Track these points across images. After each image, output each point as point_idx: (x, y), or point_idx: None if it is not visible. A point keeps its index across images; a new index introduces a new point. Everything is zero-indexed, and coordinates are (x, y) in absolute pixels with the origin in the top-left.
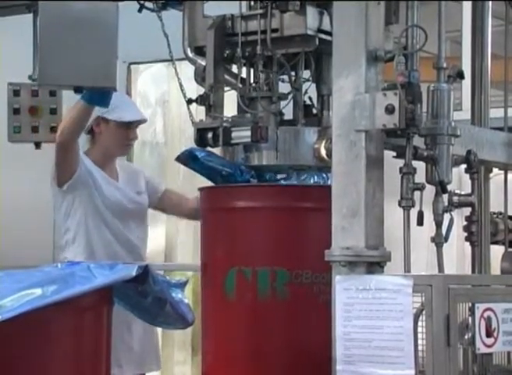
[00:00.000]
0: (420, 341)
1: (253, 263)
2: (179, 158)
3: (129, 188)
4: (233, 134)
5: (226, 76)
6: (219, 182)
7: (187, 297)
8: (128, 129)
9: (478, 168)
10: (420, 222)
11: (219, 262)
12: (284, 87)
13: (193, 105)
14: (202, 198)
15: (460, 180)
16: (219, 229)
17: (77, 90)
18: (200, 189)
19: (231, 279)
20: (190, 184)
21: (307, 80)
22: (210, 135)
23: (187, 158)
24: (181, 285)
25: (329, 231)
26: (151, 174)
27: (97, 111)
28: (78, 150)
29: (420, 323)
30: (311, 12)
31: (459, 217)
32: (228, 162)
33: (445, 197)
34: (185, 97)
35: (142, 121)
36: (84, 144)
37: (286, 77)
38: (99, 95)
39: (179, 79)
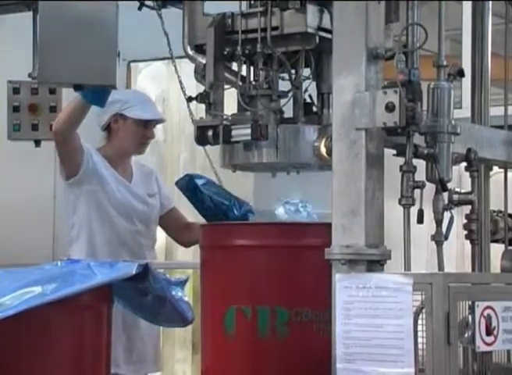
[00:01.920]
0: (420, 340)
1: (252, 302)
2: (177, 184)
3: (141, 189)
4: (233, 132)
5: (226, 74)
6: (214, 215)
7: (187, 295)
8: (145, 128)
9: (478, 166)
10: (420, 220)
11: (219, 299)
12: (284, 85)
13: (193, 103)
14: (202, 235)
15: (460, 179)
16: (219, 266)
17: (77, 88)
18: (201, 226)
19: (230, 317)
20: None
21: (308, 78)
22: (210, 133)
23: (186, 185)
24: (181, 283)
25: (329, 269)
26: (163, 183)
27: (116, 107)
28: (77, 145)
29: (420, 322)
30: (311, 10)
31: (459, 215)
32: (225, 192)
33: (445, 195)
34: (185, 95)
35: (160, 121)
36: (100, 141)
37: (286, 75)
38: (98, 94)
39: (179, 77)
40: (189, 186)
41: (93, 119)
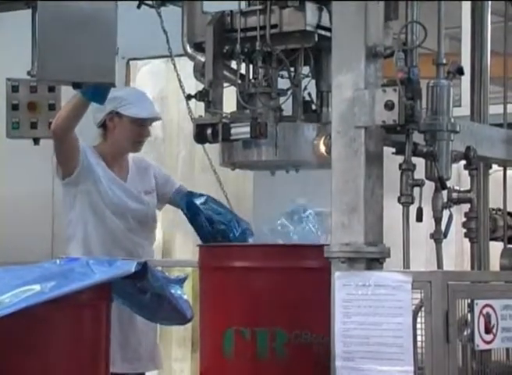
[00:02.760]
0: (419, 338)
1: (251, 324)
2: (175, 202)
3: (137, 186)
4: (232, 130)
5: (225, 72)
6: (212, 236)
7: (186, 293)
8: (141, 126)
9: (477, 164)
10: (419, 218)
11: (217, 321)
12: (283, 83)
13: (193, 101)
14: (201, 256)
15: (459, 177)
16: (218, 288)
17: (76, 86)
18: (199, 247)
19: (229, 339)
20: (188, 182)
21: (307, 76)
22: (209, 131)
23: (185, 204)
24: (180, 281)
25: (328, 291)
26: (162, 172)
27: (112, 105)
28: (75, 144)
29: (419, 320)
30: (311, 8)
31: (458, 214)
32: (224, 209)
33: (444, 193)
34: (184, 93)
35: (156, 119)
36: (96, 139)
37: (285, 73)
38: (98, 91)
39: (178, 75)
40: (188, 205)
41: (88, 115)
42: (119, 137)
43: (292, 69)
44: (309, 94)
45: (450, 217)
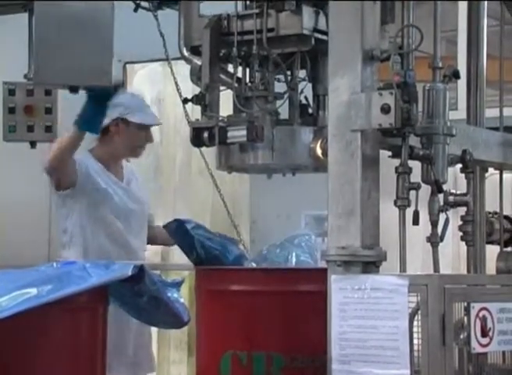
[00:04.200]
0: (415, 341)
1: (248, 347)
2: (166, 227)
3: (132, 187)
4: (229, 134)
5: (222, 76)
6: (205, 259)
7: (183, 296)
8: (146, 131)
9: (473, 167)
10: (415, 221)
11: (214, 344)
12: (280, 87)
13: (189, 105)
14: (198, 279)
15: (455, 180)
16: (214, 311)
17: (72, 89)
18: (197, 269)
19: (226, 362)
20: (185, 185)
21: (303, 80)
22: (206, 134)
23: (176, 229)
24: (177, 285)
25: (325, 315)
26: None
27: (118, 112)
28: (73, 168)
29: (415, 323)
30: (307, 11)
31: (454, 217)
32: (215, 236)
33: (440, 196)
34: (181, 96)
35: (158, 124)
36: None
37: (281, 77)
38: (91, 121)
39: (174, 78)
40: (178, 230)
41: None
42: (123, 142)
43: (288, 72)
44: (305, 98)
45: (447, 220)
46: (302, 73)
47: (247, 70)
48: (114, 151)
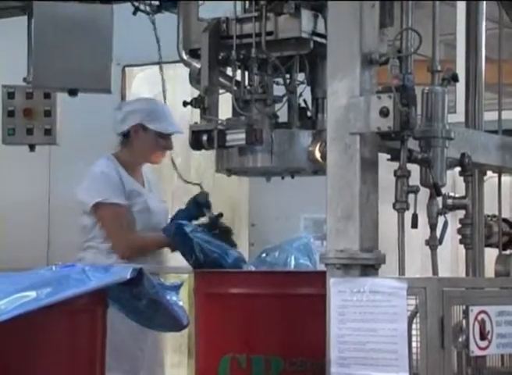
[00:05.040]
0: (414, 344)
1: (247, 350)
2: (165, 231)
3: (155, 195)
4: (228, 137)
5: (221, 79)
6: (204, 262)
7: (182, 299)
8: (166, 139)
9: (472, 171)
10: (414, 224)
11: (213, 348)
12: (279, 90)
13: (188, 108)
14: (196, 282)
15: (454, 183)
16: (213, 314)
17: (72, 92)
18: (195, 273)
19: (225, 366)
20: (185, 186)
21: (302, 83)
22: (205, 138)
23: (174, 232)
24: (175, 288)
25: (324, 318)
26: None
27: (138, 118)
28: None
29: (414, 326)
30: (306, 15)
31: (453, 220)
32: (214, 240)
33: (439, 200)
34: (165, 99)
35: (179, 133)
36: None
37: (280, 80)
38: (180, 233)
39: (163, 80)
40: (177, 233)
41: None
42: (142, 148)
43: (287, 75)
44: (304, 101)
45: (445, 223)
46: (301, 77)
47: (246, 73)
48: (137, 157)
